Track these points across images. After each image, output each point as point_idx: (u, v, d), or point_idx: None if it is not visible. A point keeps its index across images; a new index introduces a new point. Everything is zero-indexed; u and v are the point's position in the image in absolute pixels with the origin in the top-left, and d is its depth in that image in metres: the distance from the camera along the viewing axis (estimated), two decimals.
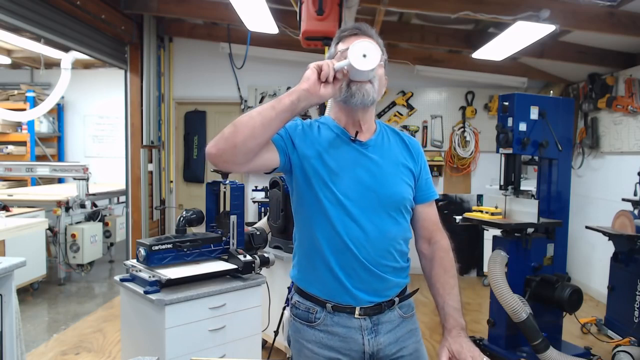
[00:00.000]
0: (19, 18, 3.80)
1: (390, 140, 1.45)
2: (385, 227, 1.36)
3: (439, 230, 1.48)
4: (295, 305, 1.44)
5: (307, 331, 1.39)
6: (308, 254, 1.41)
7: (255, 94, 6.17)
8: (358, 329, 1.36)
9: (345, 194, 1.33)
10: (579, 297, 3.25)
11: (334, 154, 1.36)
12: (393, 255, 1.38)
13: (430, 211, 1.48)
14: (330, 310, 1.36)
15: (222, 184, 2.60)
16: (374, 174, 1.36)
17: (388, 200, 1.36)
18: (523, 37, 3.98)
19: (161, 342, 2.17)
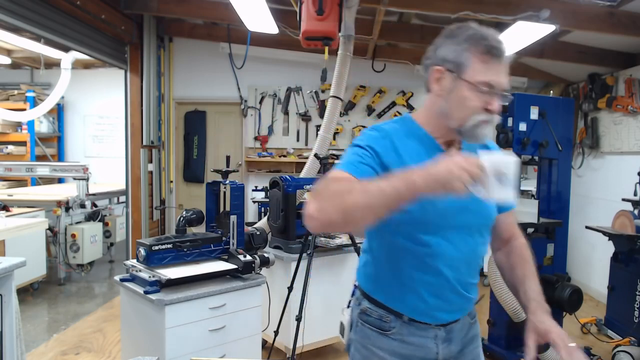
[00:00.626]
0: (19, 18, 3.80)
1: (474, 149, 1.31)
2: (478, 248, 1.32)
3: (517, 229, 1.47)
4: (366, 312, 1.37)
5: (378, 338, 1.34)
6: (394, 271, 1.31)
7: (255, 94, 6.17)
8: (432, 339, 1.33)
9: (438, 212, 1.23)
10: (579, 297, 3.25)
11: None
12: (476, 272, 1.37)
13: (511, 215, 1.45)
14: (406, 321, 1.32)
15: (222, 184, 2.60)
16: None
17: (482, 220, 1.32)
18: (523, 37, 3.98)
19: (161, 342, 2.17)
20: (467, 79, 1.19)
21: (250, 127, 6.19)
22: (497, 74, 1.19)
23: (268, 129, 6.17)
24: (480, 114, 1.21)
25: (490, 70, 1.19)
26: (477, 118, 1.21)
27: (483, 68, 1.19)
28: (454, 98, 1.23)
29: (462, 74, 1.20)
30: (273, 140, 6.19)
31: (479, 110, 1.20)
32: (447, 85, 1.23)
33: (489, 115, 1.21)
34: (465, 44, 1.20)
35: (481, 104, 1.20)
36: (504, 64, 1.21)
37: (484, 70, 1.19)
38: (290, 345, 2.82)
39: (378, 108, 6.08)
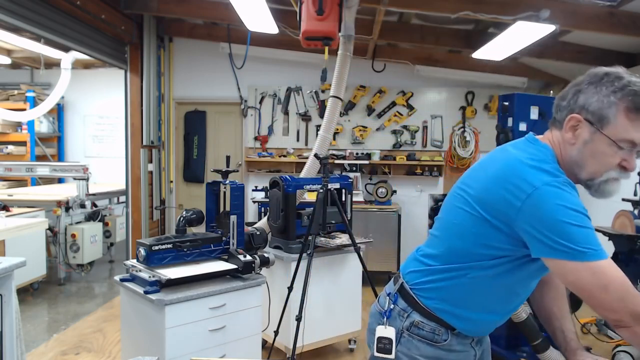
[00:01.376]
0: (19, 18, 3.80)
1: None
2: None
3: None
4: (418, 325, 1.35)
5: (427, 349, 1.35)
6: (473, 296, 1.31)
7: (255, 94, 6.17)
8: (470, 343, 1.41)
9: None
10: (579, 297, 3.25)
11: None
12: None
13: None
14: (455, 333, 1.36)
15: (222, 184, 2.60)
16: None
17: None
18: (523, 37, 3.98)
19: (161, 342, 2.17)
20: (609, 134, 1.13)
21: (250, 127, 6.19)
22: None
23: (268, 129, 6.17)
24: (615, 170, 1.17)
25: (636, 127, 1.12)
26: (610, 175, 1.17)
27: (629, 125, 1.12)
28: (589, 151, 1.17)
29: (604, 128, 1.14)
30: (273, 140, 6.19)
31: (614, 167, 1.16)
32: (583, 137, 1.17)
33: (623, 172, 1.17)
34: (613, 97, 1.12)
35: (618, 161, 1.15)
36: None
37: (629, 128, 1.12)
38: (290, 345, 2.82)
39: (378, 108, 6.08)
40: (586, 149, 1.17)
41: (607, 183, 1.18)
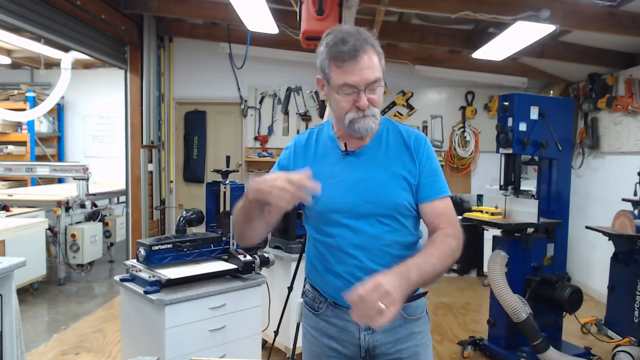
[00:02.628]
0: (19, 18, 3.80)
1: (389, 142, 1.42)
2: (377, 234, 1.36)
3: (446, 222, 1.37)
4: (306, 293, 1.54)
5: (311, 318, 1.50)
6: (312, 254, 1.49)
7: (255, 94, 6.17)
8: (355, 323, 1.39)
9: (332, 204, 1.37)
10: (579, 297, 3.25)
11: (324, 167, 1.40)
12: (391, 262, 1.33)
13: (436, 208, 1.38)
14: (332, 303, 1.44)
15: (222, 184, 2.60)
16: (363, 182, 1.37)
17: (377, 207, 1.36)
18: (523, 37, 3.98)
19: (161, 342, 2.17)
20: (332, 85, 1.32)
21: (250, 127, 6.19)
22: (353, 74, 1.27)
23: (268, 129, 6.17)
24: (352, 112, 1.31)
25: (346, 72, 1.27)
26: (349, 117, 1.31)
27: (340, 72, 1.29)
28: (332, 103, 1.37)
29: (330, 81, 1.33)
30: (273, 140, 6.19)
31: (349, 109, 1.31)
32: (326, 92, 1.38)
33: (359, 112, 1.30)
34: (324, 53, 1.32)
35: (350, 104, 1.30)
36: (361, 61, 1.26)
37: (341, 75, 1.29)
38: (290, 345, 2.82)
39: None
40: (330, 101, 1.38)
41: (355, 123, 1.32)
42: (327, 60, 1.31)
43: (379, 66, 1.32)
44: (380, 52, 1.35)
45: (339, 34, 1.30)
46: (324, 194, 1.35)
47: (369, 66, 1.28)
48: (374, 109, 1.32)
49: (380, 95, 1.33)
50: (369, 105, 1.30)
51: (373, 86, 1.30)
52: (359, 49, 1.27)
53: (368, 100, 1.30)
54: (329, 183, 1.37)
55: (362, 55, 1.27)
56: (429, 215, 1.39)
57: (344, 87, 1.29)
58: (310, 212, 1.44)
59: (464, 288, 5.38)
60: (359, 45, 1.27)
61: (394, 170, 1.38)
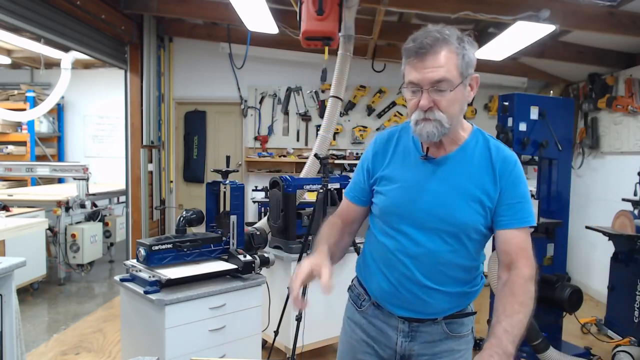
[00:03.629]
0: (19, 18, 3.79)
1: (474, 157, 1.33)
2: (435, 250, 1.31)
3: (523, 257, 1.28)
4: (351, 288, 1.56)
5: (354, 312, 1.51)
6: (367, 250, 1.50)
7: (255, 94, 6.17)
8: (394, 328, 1.40)
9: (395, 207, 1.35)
10: (579, 297, 3.25)
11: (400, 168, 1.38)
12: (444, 280, 1.33)
13: (515, 237, 1.30)
14: (374, 303, 1.44)
15: (222, 184, 2.60)
16: (434, 194, 1.31)
17: (442, 223, 1.30)
18: (523, 37, 3.98)
19: (161, 342, 2.17)
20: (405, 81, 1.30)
21: (250, 127, 6.19)
22: (417, 71, 1.23)
23: (268, 129, 6.17)
24: (416, 112, 1.27)
25: (413, 69, 1.25)
26: (414, 117, 1.28)
27: (408, 69, 1.27)
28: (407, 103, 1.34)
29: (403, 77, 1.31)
30: (273, 140, 6.19)
31: (414, 109, 1.28)
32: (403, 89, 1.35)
33: (421, 113, 1.26)
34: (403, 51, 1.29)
35: (415, 104, 1.27)
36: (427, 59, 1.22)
37: (408, 72, 1.27)
38: (290, 345, 2.82)
39: (378, 108, 6.07)
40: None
41: (416, 125, 1.28)
42: (403, 57, 1.30)
43: (455, 68, 1.22)
44: (464, 54, 1.24)
45: (419, 33, 1.26)
46: (391, 195, 1.36)
47: (435, 65, 1.21)
48: (438, 113, 1.23)
49: (449, 99, 1.23)
50: (432, 107, 1.23)
51: (438, 86, 1.22)
52: (426, 46, 1.21)
53: (433, 102, 1.23)
54: (399, 185, 1.35)
55: (430, 53, 1.21)
56: (506, 245, 1.30)
57: (409, 85, 1.27)
58: (375, 207, 1.43)
59: None
60: (428, 43, 1.21)
61: (470, 189, 1.30)
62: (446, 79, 1.21)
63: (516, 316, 1.20)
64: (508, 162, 1.32)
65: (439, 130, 1.25)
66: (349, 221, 1.51)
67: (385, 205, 1.38)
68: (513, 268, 1.28)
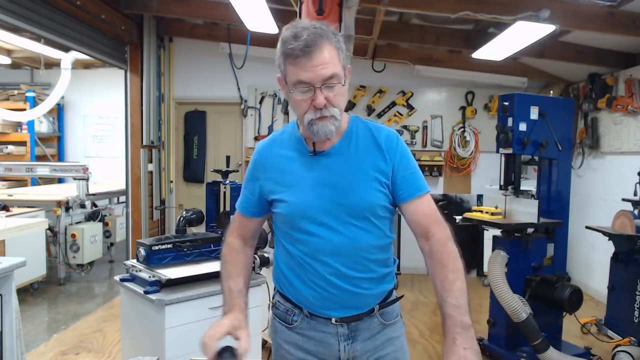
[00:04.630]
0: (19, 18, 3.80)
1: (359, 141, 1.35)
2: (351, 238, 1.30)
3: (434, 222, 1.32)
4: (276, 305, 1.46)
5: (284, 332, 1.41)
6: (282, 263, 1.42)
7: (255, 94, 6.17)
8: (334, 335, 1.34)
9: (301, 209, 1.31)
10: (579, 297, 3.25)
11: (292, 171, 1.34)
12: (367, 266, 1.32)
13: (420, 206, 1.33)
14: (307, 314, 1.36)
15: (222, 184, 2.60)
16: (334, 185, 1.30)
17: (351, 210, 1.29)
18: (523, 37, 3.98)
19: (161, 342, 2.17)
20: (289, 83, 1.25)
21: (250, 127, 6.19)
22: (307, 70, 1.19)
23: (268, 129, 6.17)
24: (310, 112, 1.23)
25: (300, 69, 1.20)
26: (308, 117, 1.24)
27: (294, 70, 1.21)
28: (291, 103, 1.29)
29: (286, 80, 1.26)
30: None
31: (308, 109, 1.24)
32: (286, 92, 1.29)
33: (317, 111, 1.23)
34: (279, 49, 1.25)
35: (307, 103, 1.23)
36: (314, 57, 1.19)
37: (295, 72, 1.21)
38: None
39: (378, 108, 6.08)
40: (290, 101, 1.30)
41: (312, 124, 1.24)
42: (282, 57, 1.24)
43: (338, 62, 1.23)
44: (340, 47, 1.25)
45: (293, 29, 1.22)
46: (292, 198, 1.31)
47: (324, 61, 1.20)
48: (332, 109, 1.23)
49: (341, 93, 1.25)
50: (327, 104, 1.22)
51: (330, 83, 1.21)
52: (311, 44, 1.19)
53: (325, 99, 1.22)
54: (297, 186, 1.32)
55: (316, 50, 1.19)
56: (415, 214, 1.33)
57: (299, 84, 1.22)
58: (278, 217, 1.37)
59: None
60: (312, 40, 1.19)
61: (365, 170, 1.31)
62: (336, 74, 1.22)
63: (455, 285, 1.22)
64: (391, 139, 1.36)
65: (335, 126, 1.26)
66: (248, 236, 1.48)
67: (288, 212, 1.32)
68: (430, 236, 1.31)
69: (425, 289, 5.24)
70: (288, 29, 1.24)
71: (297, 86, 1.22)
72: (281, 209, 1.34)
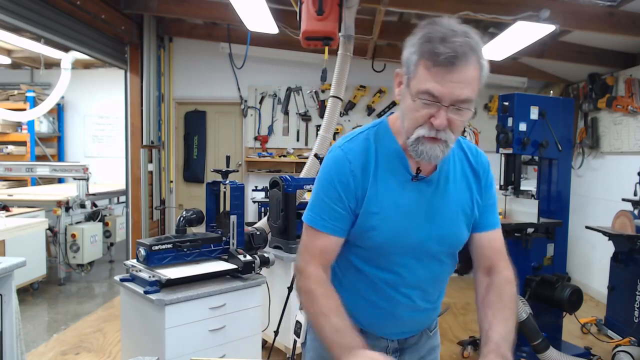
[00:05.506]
0: (19, 18, 3.80)
1: (456, 164, 1.24)
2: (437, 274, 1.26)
3: (502, 260, 1.27)
4: None
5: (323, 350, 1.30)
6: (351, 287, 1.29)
7: (255, 94, 6.17)
8: (384, 348, 1.32)
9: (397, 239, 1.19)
10: (579, 297, 3.25)
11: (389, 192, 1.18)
12: (438, 297, 1.32)
13: (492, 240, 1.28)
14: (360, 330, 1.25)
15: (222, 184, 2.60)
16: (430, 217, 1.20)
17: (443, 246, 1.23)
18: (523, 37, 3.98)
19: (161, 342, 2.17)
20: (412, 86, 1.06)
21: (250, 127, 6.19)
22: (443, 83, 1.01)
23: (268, 129, 6.17)
24: (424, 127, 1.07)
25: (434, 78, 1.02)
26: (419, 132, 1.08)
27: (426, 75, 1.03)
28: (404, 108, 1.11)
29: (410, 82, 1.07)
30: (273, 140, 6.19)
31: (422, 123, 1.07)
32: (402, 93, 1.12)
33: (432, 130, 1.06)
34: (416, 46, 1.05)
35: (425, 118, 1.06)
36: (456, 71, 1.01)
37: (426, 79, 1.03)
38: (290, 345, 2.82)
39: (378, 108, 6.07)
40: (403, 105, 1.12)
41: (420, 142, 1.08)
42: (416, 55, 1.05)
43: (477, 85, 1.05)
44: (483, 65, 1.06)
45: (441, 28, 1.03)
46: (388, 226, 1.18)
47: (465, 80, 1.02)
48: (450, 134, 1.08)
49: (464, 120, 1.08)
50: (447, 127, 1.06)
51: (460, 106, 1.04)
52: (460, 55, 1.00)
53: (448, 121, 1.05)
54: (394, 212, 1.18)
55: (462, 64, 1.01)
56: (486, 248, 1.27)
57: (425, 94, 1.04)
58: (366, 242, 1.21)
59: (464, 288, 5.37)
60: (462, 52, 1.00)
61: (461, 202, 1.23)
62: (470, 99, 1.05)
63: (508, 323, 1.17)
64: (486, 164, 1.28)
65: (444, 153, 1.09)
66: (331, 261, 1.25)
67: (384, 238, 1.19)
68: (494, 272, 1.25)
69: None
70: (433, 25, 1.04)
71: (423, 95, 1.04)
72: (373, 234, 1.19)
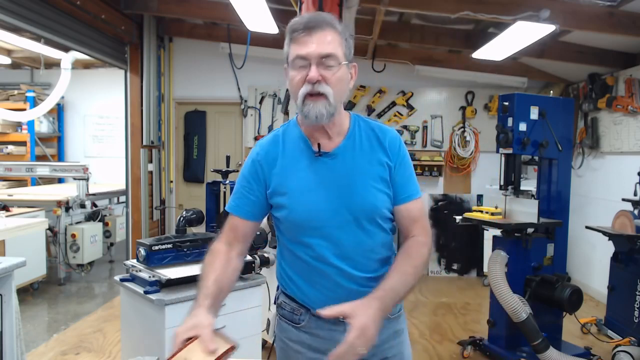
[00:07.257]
0: (19, 18, 3.80)
1: (363, 141, 1.35)
2: (360, 241, 1.31)
3: (419, 227, 1.35)
4: (281, 305, 1.44)
5: (292, 331, 1.41)
6: (287, 266, 1.40)
7: (255, 94, 6.17)
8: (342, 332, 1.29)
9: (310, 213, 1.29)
10: (579, 297, 3.25)
11: (297, 172, 1.32)
12: (372, 266, 1.34)
13: (410, 210, 1.36)
14: (315, 314, 1.35)
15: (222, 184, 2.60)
16: (341, 188, 1.30)
17: (359, 213, 1.30)
18: (523, 37, 3.99)
19: (161, 342, 2.17)
20: (289, 62, 1.26)
21: (250, 127, 6.20)
22: (306, 46, 1.21)
23: (268, 129, 6.17)
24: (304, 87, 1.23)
25: (298, 45, 1.23)
26: (302, 92, 1.23)
27: (294, 46, 1.24)
28: (288, 84, 1.28)
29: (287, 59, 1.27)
30: None
31: (301, 85, 1.23)
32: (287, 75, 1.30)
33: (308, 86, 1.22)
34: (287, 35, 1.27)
35: (302, 79, 1.23)
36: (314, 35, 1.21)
37: (294, 48, 1.24)
38: None
39: (378, 108, 6.08)
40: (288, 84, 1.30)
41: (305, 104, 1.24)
42: (287, 40, 1.27)
43: (339, 46, 1.24)
44: (345, 37, 1.27)
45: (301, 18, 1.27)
46: (300, 203, 1.29)
47: (324, 41, 1.22)
48: (325, 86, 1.22)
49: (338, 76, 1.24)
50: (320, 79, 1.21)
51: (327, 61, 1.22)
52: (314, 24, 1.22)
53: (322, 77, 1.22)
54: (304, 190, 1.30)
55: (318, 30, 1.22)
56: (404, 218, 1.36)
57: (296, 59, 1.23)
58: (284, 222, 1.34)
59: (464, 288, 5.38)
60: (315, 21, 1.23)
61: (371, 171, 1.32)
62: (334, 55, 1.22)
63: (407, 277, 1.25)
64: (395, 139, 1.37)
65: (327, 109, 1.23)
66: (238, 240, 1.37)
67: (295, 218, 1.30)
68: (410, 237, 1.35)
69: (425, 289, 5.24)
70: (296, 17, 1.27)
71: (295, 61, 1.23)
72: (286, 213, 1.31)
